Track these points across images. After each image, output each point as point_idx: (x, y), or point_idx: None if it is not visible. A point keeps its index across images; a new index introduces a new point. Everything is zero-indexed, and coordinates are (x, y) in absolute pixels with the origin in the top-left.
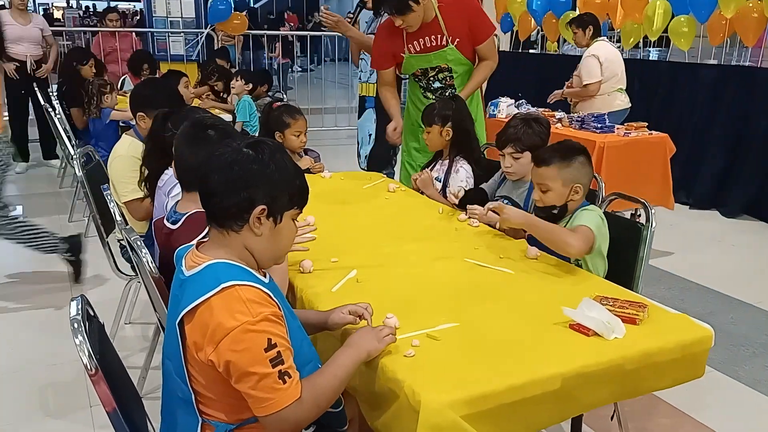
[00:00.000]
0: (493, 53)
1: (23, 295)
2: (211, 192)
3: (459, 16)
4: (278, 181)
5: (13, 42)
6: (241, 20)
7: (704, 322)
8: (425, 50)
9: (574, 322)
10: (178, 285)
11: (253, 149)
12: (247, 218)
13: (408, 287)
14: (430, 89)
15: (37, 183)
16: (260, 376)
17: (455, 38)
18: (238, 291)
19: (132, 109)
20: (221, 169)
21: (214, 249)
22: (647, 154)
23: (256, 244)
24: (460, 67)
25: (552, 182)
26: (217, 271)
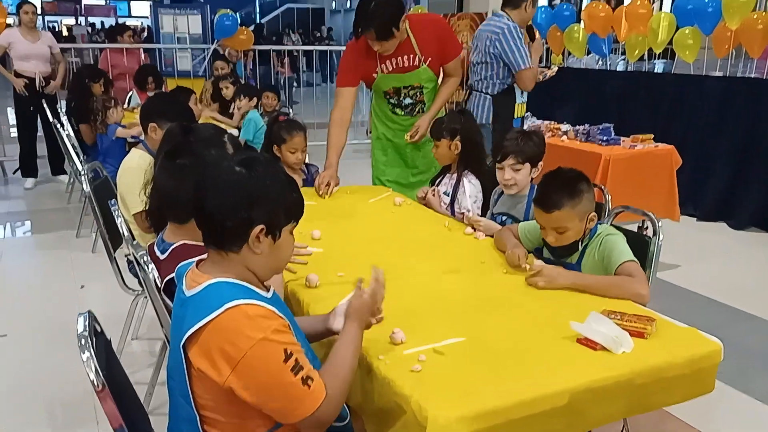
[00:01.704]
0: (458, 70)
1: (31, 310)
2: (207, 215)
3: (430, 36)
4: (274, 198)
5: (23, 59)
6: (247, 35)
7: (714, 335)
8: (398, 70)
9: (582, 336)
10: (180, 304)
11: (245, 167)
12: (246, 238)
13: (415, 301)
14: (401, 105)
15: (45, 199)
16: (285, 386)
17: (427, 57)
18: (244, 309)
19: (143, 121)
20: (216, 191)
21: (213, 268)
22: (653, 167)
23: (256, 261)
24: (430, 83)
25: (569, 222)
26: (219, 291)
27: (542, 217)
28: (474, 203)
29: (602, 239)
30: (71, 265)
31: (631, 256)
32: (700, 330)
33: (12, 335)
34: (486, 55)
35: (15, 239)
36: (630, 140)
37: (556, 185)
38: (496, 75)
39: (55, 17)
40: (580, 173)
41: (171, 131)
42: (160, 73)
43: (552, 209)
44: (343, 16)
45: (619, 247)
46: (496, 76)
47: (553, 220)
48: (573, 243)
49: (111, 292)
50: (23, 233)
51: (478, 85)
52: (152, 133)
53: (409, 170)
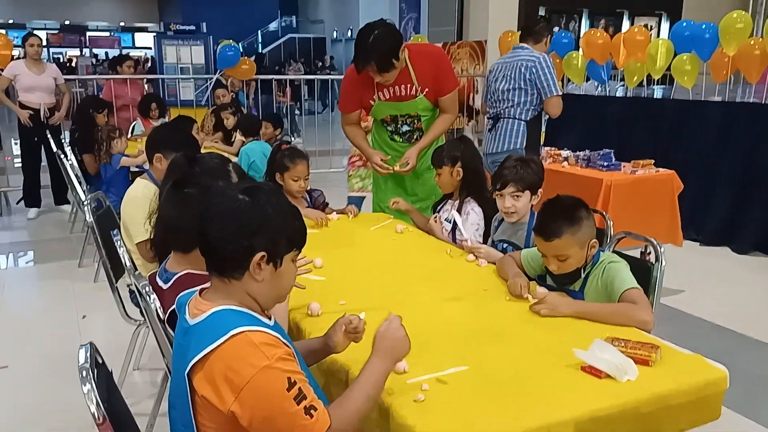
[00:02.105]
0: (453, 107)
1: (32, 341)
2: (210, 242)
3: (428, 67)
4: (276, 226)
5: (28, 91)
6: (250, 65)
7: (720, 361)
8: (395, 98)
9: (586, 364)
10: (182, 333)
11: (248, 195)
12: (247, 266)
13: (417, 329)
14: (398, 132)
15: (48, 228)
16: (288, 415)
17: (425, 88)
18: (249, 336)
19: (149, 151)
20: (219, 219)
21: (216, 296)
22: (655, 192)
23: (258, 289)
24: (428, 113)
25: (569, 250)
26: (223, 318)
27: (543, 245)
28: (476, 231)
29: (605, 267)
30: (73, 294)
31: (634, 284)
32: (706, 357)
33: (13, 366)
34: (520, 81)
35: (17, 269)
36: (631, 165)
37: (556, 213)
38: (530, 102)
39: (60, 49)
40: (579, 200)
41: (176, 161)
42: (162, 99)
43: (552, 237)
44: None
45: (622, 275)
46: (530, 103)
47: (554, 248)
48: (575, 270)
49: (113, 322)
50: (26, 263)
51: (508, 112)
52: (157, 163)
53: (409, 198)
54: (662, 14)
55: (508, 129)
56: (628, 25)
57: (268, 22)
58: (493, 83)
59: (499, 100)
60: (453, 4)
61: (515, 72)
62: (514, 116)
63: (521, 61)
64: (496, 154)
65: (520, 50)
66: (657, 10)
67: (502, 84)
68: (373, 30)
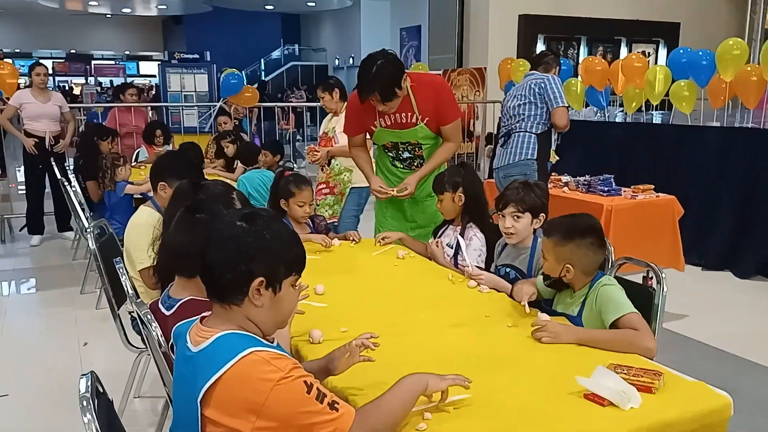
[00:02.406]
0: (456, 136)
1: (33, 368)
2: (210, 268)
3: (429, 96)
4: (274, 251)
5: (33, 119)
6: (252, 93)
7: (724, 387)
8: (396, 125)
9: (589, 391)
10: (184, 362)
11: (247, 222)
12: (246, 291)
13: (419, 356)
14: (399, 159)
15: (50, 255)
16: (315, 414)
17: (425, 116)
18: (258, 354)
19: (154, 180)
20: (217, 245)
21: (218, 322)
22: (655, 216)
23: (258, 315)
24: (428, 141)
25: (547, 254)
26: (230, 342)
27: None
28: (479, 256)
29: (598, 290)
30: (75, 321)
31: (631, 308)
32: (709, 383)
33: (13, 395)
34: (530, 96)
35: (19, 296)
36: (631, 190)
37: (565, 221)
38: (539, 116)
39: (65, 77)
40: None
41: (181, 188)
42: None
43: (544, 235)
44: (346, 73)
45: (616, 299)
46: (540, 117)
47: (543, 244)
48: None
49: (114, 349)
50: (27, 290)
51: (519, 125)
52: (162, 191)
53: (408, 224)
54: (659, 41)
55: (518, 141)
56: (626, 52)
57: (271, 51)
58: (506, 105)
59: (510, 117)
60: (453, 32)
61: (526, 90)
62: (525, 129)
63: (532, 80)
64: (507, 166)
65: (530, 75)
66: (654, 38)
67: (514, 102)
68: (375, 60)
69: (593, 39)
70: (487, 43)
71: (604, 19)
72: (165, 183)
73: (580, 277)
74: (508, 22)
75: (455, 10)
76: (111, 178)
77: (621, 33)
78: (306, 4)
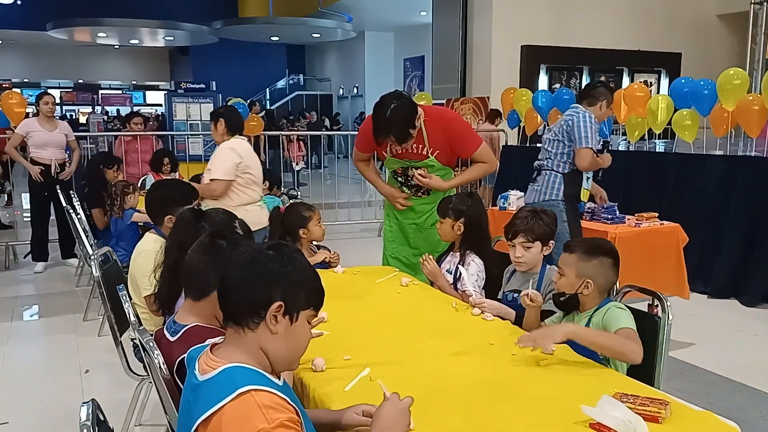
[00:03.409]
0: (487, 158)
1: (34, 396)
2: (229, 289)
3: (441, 133)
4: (296, 280)
5: (40, 147)
6: (258, 122)
7: (731, 417)
8: (406, 155)
9: (595, 421)
10: (191, 389)
11: (273, 250)
12: (263, 315)
13: (423, 385)
14: (407, 185)
15: (54, 282)
16: None
17: (435, 150)
18: (254, 396)
19: (159, 214)
20: (241, 267)
21: (229, 351)
22: (660, 244)
23: (272, 343)
24: (439, 171)
25: (567, 269)
26: (232, 376)
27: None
28: (476, 281)
29: (607, 310)
30: (77, 349)
31: (630, 325)
32: (717, 412)
33: (13, 423)
34: (559, 133)
35: (22, 323)
36: (635, 218)
37: (588, 240)
38: (566, 154)
39: (73, 106)
40: (613, 249)
41: (183, 216)
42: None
43: (566, 250)
44: (350, 102)
45: (619, 316)
46: (566, 155)
47: (561, 260)
48: (560, 294)
49: (116, 376)
50: (30, 316)
51: (547, 163)
52: (169, 223)
53: (411, 250)
54: (661, 71)
55: (546, 180)
56: (628, 81)
57: (276, 80)
58: (543, 138)
59: (542, 153)
60: (456, 61)
61: (557, 126)
62: (551, 168)
63: (566, 116)
64: (534, 205)
65: (570, 109)
66: (656, 67)
67: (547, 135)
68: (389, 103)
69: (595, 69)
70: (489, 73)
71: (606, 50)
72: (171, 215)
73: (595, 296)
74: (511, 52)
75: (458, 41)
76: (120, 206)
77: (623, 63)
78: (311, 36)
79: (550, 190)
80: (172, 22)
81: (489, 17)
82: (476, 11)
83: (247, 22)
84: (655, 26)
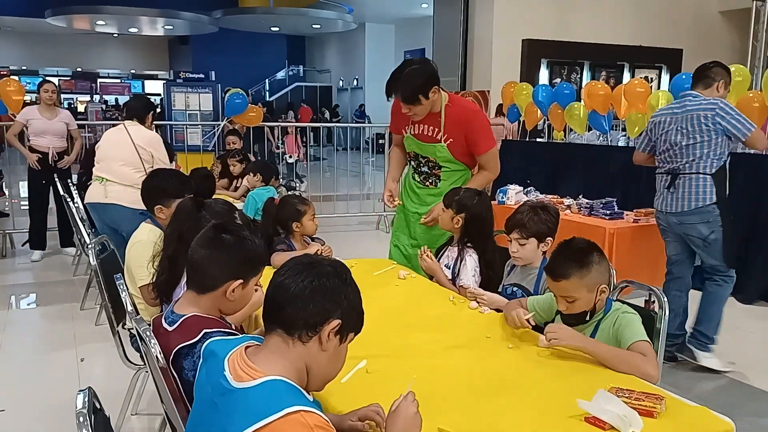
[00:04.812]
0: (491, 165)
1: (31, 384)
2: (291, 297)
3: (459, 124)
4: (353, 301)
5: (38, 135)
6: (257, 113)
7: (726, 413)
8: (419, 136)
9: (590, 415)
10: (220, 392)
11: (332, 266)
12: (319, 330)
13: (419, 378)
14: (418, 171)
15: (51, 271)
16: None
17: (449, 137)
18: (305, 417)
19: (149, 204)
20: (305, 277)
21: (271, 360)
22: (657, 240)
23: (317, 360)
24: (448, 164)
25: (576, 293)
26: (277, 392)
27: (552, 284)
28: (473, 276)
29: (618, 316)
30: (74, 337)
31: (644, 336)
32: (712, 408)
33: (10, 410)
34: (701, 133)
35: (19, 311)
36: (633, 214)
37: (566, 255)
38: (714, 152)
39: (71, 95)
40: (592, 244)
41: (183, 206)
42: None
43: (559, 278)
44: (350, 94)
45: (634, 326)
46: (714, 153)
47: (561, 289)
48: (582, 313)
49: (112, 365)
50: (27, 305)
51: (689, 167)
52: (160, 213)
53: (409, 240)
54: (662, 67)
55: (693, 186)
56: (629, 77)
57: (276, 71)
58: (664, 135)
59: (676, 155)
60: (457, 55)
61: (691, 124)
62: (697, 171)
63: (697, 111)
64: (682, 214)
65: (690, 99)
66: (657, 63)
67: (677, 137)
68: (411, 64)
69: (596, 64)
70: (490, 67)
71: (608, 45)
72: (161, 206)
73: (608, 294)
74: (512, 46)
75: (459, 34)
76: None
77: (624, 58)
78: (311, 27)
79: (702, 196)
80: (172, 11)
81: (490, 11)
82: (478, 4)
83: (248, 11)
84: (656, 22)
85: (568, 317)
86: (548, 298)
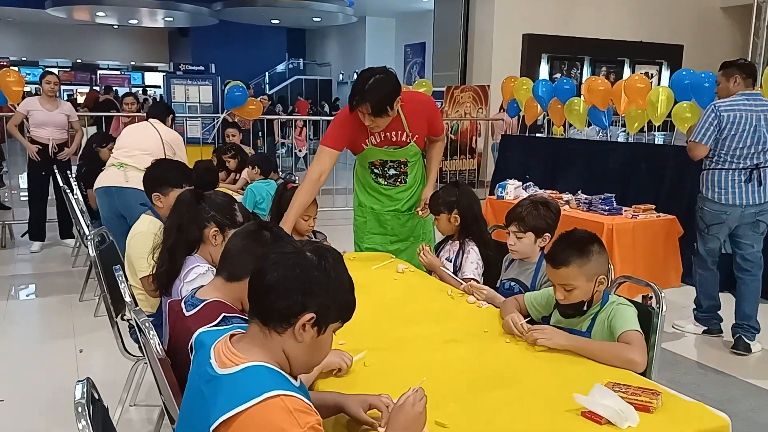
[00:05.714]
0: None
1: (29, 375)
2: (266, 288)
3: (419, 116)
4: (334, 293)
5: (39, 126)
6: (256, 106)
7: (722, 409)
8: (387, 143)
9: (586, 409)
10: (205, 380)
11: (316, 255)
12: (293, 322)
13: (417, 371)
14: (384, 176)
15: (50, 262)
16: None
17: (415, 134)
18: (284, 401)
19: (147, 191)
20: (282, 268)
21: (251, 347)
22: (656, 236)
23: (295, 350)
24: (415, 158)
25: (575, 281)
26: (258, 377)
27: (551, 272)
28: (476, 269)
29: (613, 308)
30: (73, 328)
31: (634, 326)
32: (708, 404)
33: (9, 401)
34: None
35: (18, 302)
36: (632, 210)
37: (567, 243)
38: None
39: (71, 86)
40: (594, 235)
41: (183, 198)
42: None
43: (560, 266)
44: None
45: (626, 316)
46: None
47: (561, 277)
48: (580, 303)
49: (111, 357)
50: (27, 296)
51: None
52: (157, 201)
53: (389, 238)
54: (663, 63)
55: None
56: (629, 72)
57: (276, 64)
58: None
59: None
60: (457, 49)
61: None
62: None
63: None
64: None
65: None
66: (657, 59)
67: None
68: (375, 73)
69: (597, 59)
70: (490, 62)
71: (608, 40)
72: (159, 194)
73: (606, 285)
74: (512, 41)
75: (460, 28)
76: None
77: (624, 54)
78: (312, 20)
79: None
80: (172, 3)
81: (491, 5)
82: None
83: (248, 4)
84: (657, 17)
85: (565, 308)
86: (545, 293)
